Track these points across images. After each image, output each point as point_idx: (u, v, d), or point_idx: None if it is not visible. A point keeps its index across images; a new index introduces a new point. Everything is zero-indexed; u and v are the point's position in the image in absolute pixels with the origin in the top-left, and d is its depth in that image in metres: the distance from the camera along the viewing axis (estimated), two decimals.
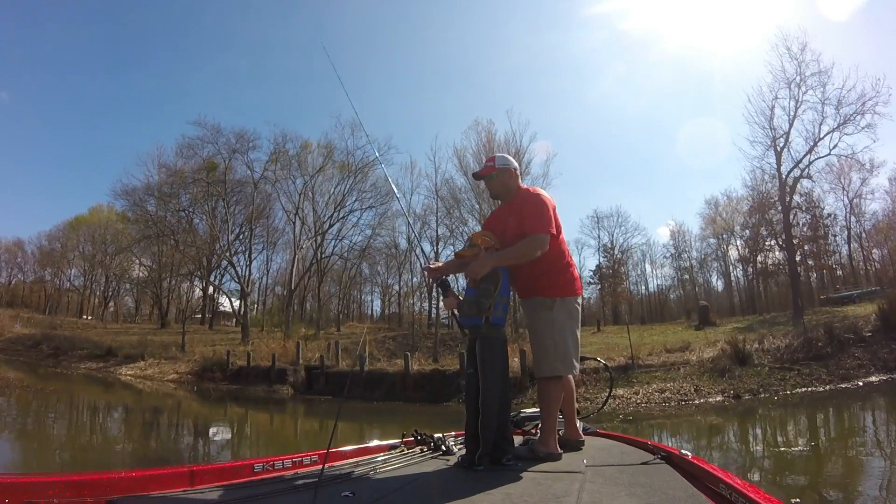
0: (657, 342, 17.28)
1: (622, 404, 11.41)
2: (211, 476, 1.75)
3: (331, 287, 36.35)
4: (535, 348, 2.47)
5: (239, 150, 29.68)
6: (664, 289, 42.91)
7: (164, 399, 15.59)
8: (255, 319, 32.19)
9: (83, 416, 11.41)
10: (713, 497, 1.47)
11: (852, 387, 11.12)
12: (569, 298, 2.49)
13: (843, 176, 29.65)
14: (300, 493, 1.66)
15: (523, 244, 2.33)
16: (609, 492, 1.60)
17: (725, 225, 35.43)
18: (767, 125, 21.66)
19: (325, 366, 17.19)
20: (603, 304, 38.25)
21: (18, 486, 1.28)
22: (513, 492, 1.66)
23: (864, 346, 12.78)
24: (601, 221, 38.21)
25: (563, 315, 2.43)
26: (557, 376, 2.42)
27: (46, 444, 7.38)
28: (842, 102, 19.93)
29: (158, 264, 33.39)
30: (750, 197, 28.80)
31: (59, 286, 45.83)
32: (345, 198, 30.06)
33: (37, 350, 25.76)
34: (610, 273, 37.69)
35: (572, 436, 2.65)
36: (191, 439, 9.40)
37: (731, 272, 39.02)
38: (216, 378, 18.64)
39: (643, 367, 13.57)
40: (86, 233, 41.22)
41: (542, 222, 2.35)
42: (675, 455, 2.01)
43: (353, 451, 2.43)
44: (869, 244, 33.52)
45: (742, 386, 11.77)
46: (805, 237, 27.41)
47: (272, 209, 32.78)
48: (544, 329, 2.43)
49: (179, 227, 29.48)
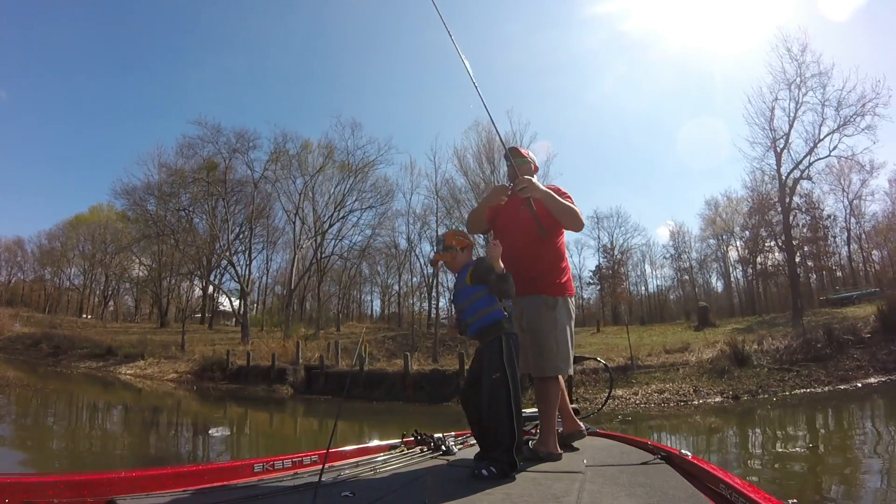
0: (656, 343, 17.29)
1: (621, 405, 11.41)
2: (211, 476, 1.75)
3: (330, 287, 36.36)
4: (535, 347, 2.43)
5: (239, 149, 29.74)
6: (664, 289, 42.92)
7: (164, 398, 15.58)
8: (255, 319, 32.19)
9: (83, 415, 11.40)
10: (713, 497, 1.47)
11: (851, 388, 11.12)
12: (570, 298, 2.51)
13: (842, 177, 29.69)
14: (300, 493, 1.66)
15: (577, 212, 2.46)
16: (609, 492, 1.61)
17: (725, 226, 35.45)
18: (767, 126, 21.71)
19: (324, 365, 17.19)
20: (602, 304, 38.26)
21: (18, 486, 1.28)
22: (513, 492, 1.66)
23: (863, 347, 12.78)
24: (601, 222, 38.18)
25: (564, 315, 2.45)
26: (555, 376, 2.43)
27: (46, 443, 7.37)
28: (842, 104, 19.98)
29: (158, 264, 33.39)
30: (750, 198, 28.87)
31: (58, 285, 45.80)
32: (345, 197, 30.15)
33: (36, 349, 25.74)
34: (610, 273, 37.69)
35: (573, 428, 2.66)
36: (190, 439, 9.40)
37: (730, 273, 39.08)
38: (216, 377, 18.63)
39: (642, 367, 13.58)
40: (86, 232, 41.19)
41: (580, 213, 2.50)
42: (675, 455, 2.01)
43: (353, 451, 2.44)
44: (868, 245, 33.54)
45: (741, 387, 11.78)
46: (805, 238, 27.44)
47: (272, 209, 32.83)
48: (548, 328, 2.42)
49: (179, 227, 29.46)
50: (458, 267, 2.25)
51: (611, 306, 37.10)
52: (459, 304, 2.22)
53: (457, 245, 2.25)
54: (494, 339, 2.06)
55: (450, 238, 2.29)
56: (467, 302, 2.16)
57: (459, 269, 2.24)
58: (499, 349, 2.03)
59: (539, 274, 2.46)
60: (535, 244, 2.44)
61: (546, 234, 2.43)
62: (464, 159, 25.88)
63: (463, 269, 2.22)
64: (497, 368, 1.99)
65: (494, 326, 2.08)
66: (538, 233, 2.42)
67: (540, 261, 2.44)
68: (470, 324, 2.14)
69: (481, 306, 2.11)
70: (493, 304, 2.09)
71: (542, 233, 2.42)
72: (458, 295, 2.23)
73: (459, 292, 2.22)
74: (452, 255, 2.23)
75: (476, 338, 2.15)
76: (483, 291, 2.10)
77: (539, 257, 2.43)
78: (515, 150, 2.70)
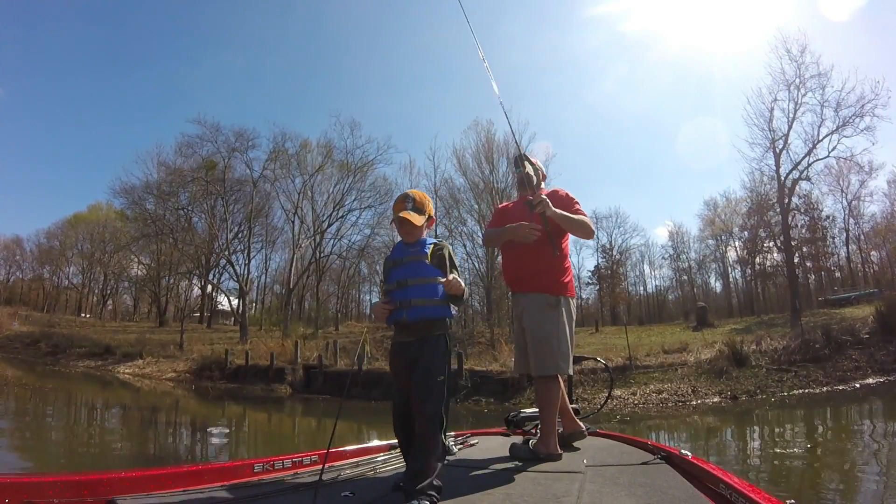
0: (655, 343, 17.28)
1: (620, 405, 11.42)
2: (211, 476, 1.75)
3: (329, 286, 36.35)
4: (536, 346, 2.42)
5: (238, 148, 29.73)
6: (662, 290, 42.99)
7: (163, 397, 15.56)
8: (254, 318, 32.15)
9: (82, 414, 11.38)
10: (713, 497, 1.47)
11: (849, 389, 11.14)
12: (570, 299, 2.51)
13: (841, 178, 29.73)
14: (300, 493, 1.66)
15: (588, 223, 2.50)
16: (609, 492, 1.61)
17: (724, 226, 35.50)
18: (766, 127, 21.79)
19: (323, 365, 17.18)
20: (601, 304, 38.31)
21: (18, 486, 1.28)
22: (513, 492, 1.66)
23: (861, 348, 12.79)
24: (600, 222, 38.19)
25: (565, 314, 2.45)
26: (556, 375, 2.43)
27: (45, 443, 7.36)
28: (841, 105, 20.06)
29: (157, 263, 33.37)
30: (749, 198, 28.95)
31: (57, 284, 45.73)
32: (344, 197, 30.17)
33: (35, 348, 25.69)
34: (608, 274, 37.77)
35: (573, 428, 2.66)
36: (189, 438, 9.39)
37: (729, 273, 39.12)
38: (214, 377, 18.60)
39: (641, 367, 13.58)
40: (84, 231, 41.15)
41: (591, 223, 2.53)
42: (675, 455, 2.01)
43: (353, 451, 2.44)
44: (867, 246, 33.59)
45: (739, 387, 11.79)
46: (803, 239, 27.50)
47: (271, 208, 32.83)
48: (549, 327, 2.41)
49: (178, 226, 29.42)
50: (416, 238, 1.89)
51: (609, 306, 37.17)
52: (404, 277, 1.82)
53: (428, 213, 1.89)
54: (440, 336, 1.78)
55: (426, 203, 1.90)
56: (418, 280, 1.80)
57: (415, 241, 1.89)
58: (445, 348, 1.78)
59: (543, 271, 2.46)
60: (539, 243, 2.43)
61: (558, 253, 2.46)
62: (463, 159, 25.90)
63: (421, 242, 1.88)
64: (442, 370, 1.73)
65: (442, 322, 1.80)
66: (546, 238, 2.41)
67: (543, 260, 2.44)
68: (415, 306, 1.77)
69: (434, 293, 1.79)
70: (446, 298, 1.81)
71: (556, 253, 2.44)
72: (407, 268, 1.83)
73: (408, 265, 1.83)
74: (420, 221, 1.84)
75: (415, 326, 1.78)
76: (441, 279, 1.79)
77: (542, 256, 2.43)
78: (526, 159, 2.75)
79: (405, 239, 1.90)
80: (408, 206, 1.86)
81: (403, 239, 1.91)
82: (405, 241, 1.90)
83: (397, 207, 1.88)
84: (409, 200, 1.88)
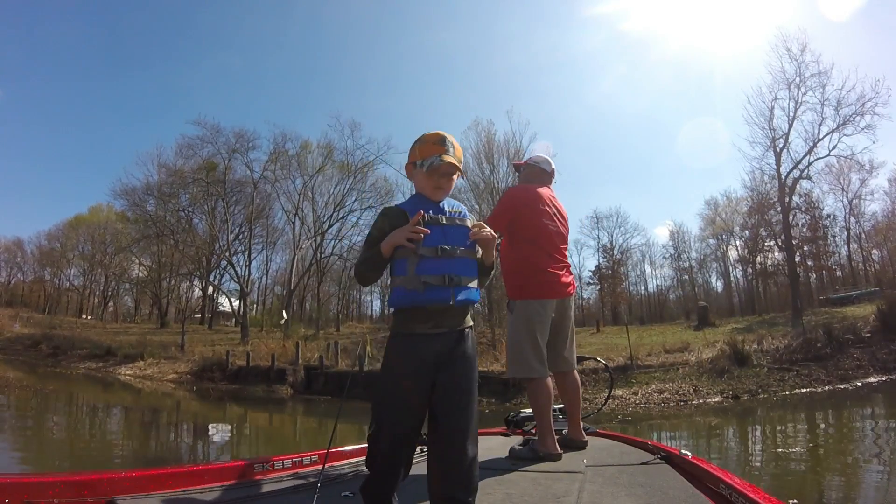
0: (656, 343, 17.28)
1: (621, 405, 11.41)
2: (211, 476, 1.75)
3: (330, 287, 36.34)
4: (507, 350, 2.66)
5: (238, 149, 29.71)
6: (663, 289, 42.94)
7: (164, 399, 15.57)
8: (255, 319, 32.18)
9: (82, 415, 11.39)
10: (713, 497, 1.47)
11: (851, 387, 11.12)
12: (531, 300, 2.51)
13: (842, 177, 29.72)
14: (300, 493, 1.66)
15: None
16: (609, 492, 1.61)
17: (725, 225, 35.49)
18: (767, 126, 21.73)
19: (324, 366, 17.18)
20: (602, 304, 38.29)
21: (18, 486, 1.28)
22: (513, 492, 1.66)
23: (862, 346, 12.78)
24: (601, 222, 38.31)
25: (520, 318, 2.51)
26: (529, 378, 2.46)
27: (46, 443, 7.36)
28: (841, 103, 19.99)
29: (158, 264, 33.40)
30: (749, 198, 28.85)
31: (58, 286, 45.75)
32: (344, 198, 30.22)
33: (36, 350, 25.71)
34: (609, 273, 37.73)
35: (575, 436, 2.66)
36: (190, 439, 9.39)
37: (730, 273, 39.08)
38: (215, 378, 18.61)
39: (642, 367, 13.57)
40: (85, 232, 41.19)
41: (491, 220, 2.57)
42: (676, 455, 2.01)
43: (353, 451, 2.44)
44: (868, 245, 33.57)
45: (741, 387, 11.77)
46: (804, 238, 27.43)
47: (272, 209, 32.89)
48: (510, 331, 2.58)
49: (179, 227, 29.43)
50: (445, 195, 1.42)
51: (610, 306, 37.13)
52: (453, 245, 1.31)
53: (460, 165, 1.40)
54: (470, 330, 1.35)
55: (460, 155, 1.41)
56: (464, 253, 1.33)
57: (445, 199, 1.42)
58: (475, 348, 1.35)
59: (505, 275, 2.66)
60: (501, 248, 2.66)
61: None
62: (463, 159, 25.87)
63: (453, 204, 1.42)
64: (475, 378, 1.32)
65: (471, 311, 1.38)
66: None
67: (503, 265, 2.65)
68: (464, 286, 1.31)
69: (475, 272, 1.36)
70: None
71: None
72: (450, 232, 1.33)
73: (451, 231, 1.34)
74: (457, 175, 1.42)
75: (457, 314, 1.32)
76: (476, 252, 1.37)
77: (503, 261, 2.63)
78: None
79: (434, 196, 1.38)
80: (449, 151, 1.38)
81: (431, 195, 1.39)
82: (433, 198, 1.39)
83: (435, 149, 1.37)
84: (450, 146, 1.38)
